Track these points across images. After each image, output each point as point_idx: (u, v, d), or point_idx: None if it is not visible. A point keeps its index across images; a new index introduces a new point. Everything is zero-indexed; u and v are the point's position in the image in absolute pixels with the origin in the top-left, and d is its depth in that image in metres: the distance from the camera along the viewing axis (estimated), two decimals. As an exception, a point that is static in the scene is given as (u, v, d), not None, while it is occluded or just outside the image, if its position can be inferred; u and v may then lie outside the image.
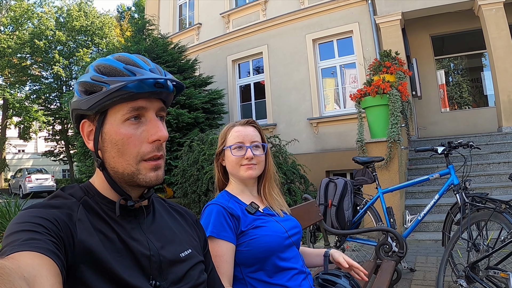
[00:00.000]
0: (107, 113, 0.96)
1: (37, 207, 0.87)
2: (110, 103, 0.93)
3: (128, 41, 11.21)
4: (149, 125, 0.98)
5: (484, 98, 11.22)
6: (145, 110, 0.97)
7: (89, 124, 0.99)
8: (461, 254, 3.67)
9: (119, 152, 0.96)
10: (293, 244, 1.69)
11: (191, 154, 7.42)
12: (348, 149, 9.00)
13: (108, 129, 0.96)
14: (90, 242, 0.86)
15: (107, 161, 0.98)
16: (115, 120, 0.95)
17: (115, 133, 0.95)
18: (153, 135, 0.97)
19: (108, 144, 0.96)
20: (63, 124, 26.53)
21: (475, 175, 6.56)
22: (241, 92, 12.30)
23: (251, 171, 1.69)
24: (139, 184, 0.98)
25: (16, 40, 24.72)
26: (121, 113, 0.95)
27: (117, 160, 0.96)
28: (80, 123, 1.00)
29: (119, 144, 0.95)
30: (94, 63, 0.99)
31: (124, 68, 0.95)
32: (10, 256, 0.69)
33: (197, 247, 1.15)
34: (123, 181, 0.98)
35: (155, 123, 0.98)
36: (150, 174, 0.98)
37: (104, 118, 0.96)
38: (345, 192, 4.20)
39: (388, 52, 7.92)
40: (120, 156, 0.96)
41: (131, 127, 0.96)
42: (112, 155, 0.96)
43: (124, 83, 0.91)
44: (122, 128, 0.95)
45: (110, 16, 29.43)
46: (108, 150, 0.97)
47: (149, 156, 0.97)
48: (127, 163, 0.96)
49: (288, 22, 10.92)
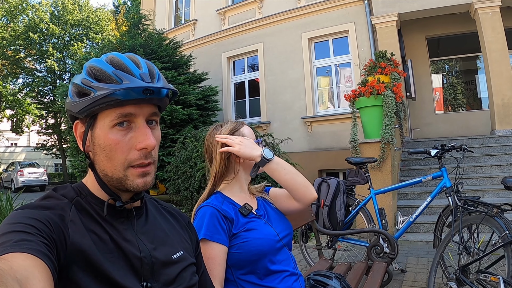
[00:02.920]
0: (97, 117, 0.94)
1: (29, 208, 0.86)
2: (97, 108, 0.91)
3: (123, 36, 11.14)
4: (137, 132, 0.95)
5: (478, 100, 11.27)
6: (134, 116, 0.95)
7: (81, 125, 0.98)
8: (452, 257, 3.68)
9: (107, 157, 0.94)
10: (284, 246, 1.68)
11: (184, 151, 7.40)
12: (341, 148, 9.00)
13: (98, 133, 0.94)
14: (82, 243, 0.85)
15: (97, 163, 0.97)
16: (103, 125, 0.94)
17: (103, 138, 0.94)
18: (140, 143, 0.94)
19: (97, 148, 0.95)
20: (56, 118, 26.33)
21: (468, 178, 6.58)
22: (236, 90, 12.29)
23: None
24: (127, 189, 0.97)
25: (11, 32, 24.50)
26: (109, 119, 0.93)
27: (106, 164, 0.95)
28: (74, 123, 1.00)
29: (107, 150, 0.94)
30: (88, 63, 0.97)
31: (113, 73, 0.93)
32: (2, 257, 0.68)
33: (189, 249, 1.15)
34: (112, 184, 0.97)
35: (143, 130, 0.96)
36: (138, 180, 0.96)
37: (94, 122, 0.95)
38: (337, 192, 4.19)
39: (384, 53, 7.93)
40: (108, 161, 0.95)
41: (119, 134, 0.94)
42: (101, 158, 0.95)
43: (110, 91, 0.89)
44: (110, 134, 0.93)
45: (106, 11, 29.27)
46: (98, 153, 0.96)
47: (137, 163, 0.95)
48: (115, 168, 0.95)
49: (284, 20, 10.90)
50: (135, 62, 0.98)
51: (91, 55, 11.42)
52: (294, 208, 1.80)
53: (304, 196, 1.73)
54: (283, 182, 1.71)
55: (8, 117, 29.69)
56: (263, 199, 1.81)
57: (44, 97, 27.11)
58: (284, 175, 1.70)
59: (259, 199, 1.80)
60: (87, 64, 0.97)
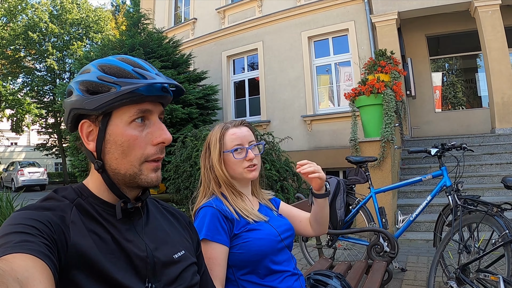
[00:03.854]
0: (112, 114, 0.95)
1: (30, 209, 0.86)
2: (118, 104, 0.93)
3: (122, 35, 11.13)
4: (153, 127, 0.99)
5: (478, 99, 11.27)
6: (150, 113, 0.98)
7: (89, 124, 0.97)
8: (452, 256, 3.68)
9: (123, 153, 0.95)
10: (286, 247, 1.68)
11: (184, 150, 7.39)
12: (341, 147, 9.01)
13: (113, 130, 0.95)
14: (83, 244, 0.85)
15: (107, 162, 0.97)
16: (121, 122, 0.95)
17: (120, 134, 0.95)
18: (158, 138, 0.98)
19: (112, 145, 0.95)
20: (56, 117, 26.32)
21: (468, 176, 6.59)
22: (235, 88, 12.29)
23: (255, 172, 1.69)
24: (139, 184, 0.98)
25: (10, 31, 24.47)
26: (127, 115, 0.95)
27: (120, 161, 0.96)
28: (80, 123, 0.98)
29: (124, 146, 0.95)
30: (96, 63, 0.98)
31: (133, 70, 0.95)
32: (3, 258, 0.68)
33: (190, 249, 1.15)
34: (123, 182, 0.98)
35: (160, 125, 1.00)
36: (152, 174, 0.99)
37: (109, 119, 0.95)
38: (337, 191, 4.19)
39: (383, 52, 7.93)
40: (123, 157, 0.96)
41: (136, 129, 0.96)
42: (115, 156, 0.96)
43: (136, 86, 0.92)
44: (128, 130, 0.95)
45: (105, 10, 29.23)
46: (111, 151, 0.96)
47: (153, 157, 0.98)
48: (130, 164, 0.96)
49: (284, 19, 10.90)
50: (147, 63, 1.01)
51: (91, 54, 11.40)
52: (305, 232, 1.90)
53: (323, 231, 1.88)
54: (323, 216, 1.81)
55: (8, 117, 29.66)
56: (266, 206, 1.80)
57: (44, 96, 27.06)
58: (327, 211, 1.82)
59: (261, 204, 1.79)
60: (96, 63, 0.98)
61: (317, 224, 1.81)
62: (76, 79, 0.98)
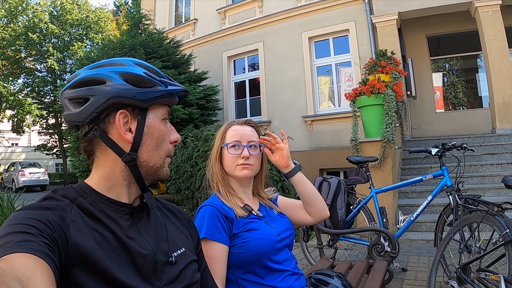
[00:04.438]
0: (148, 109, 1.02)
1: (30, 209, 0.86)
2: (161, 101, 1.04)
3: (123, 35, 11.13)
4: (169, 128, 1.10)
5: (478, 99, 11.27)
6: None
7: (126, 115, 0.99)
8: (453, 255, 3.69)
9: (157, 146, 1.04)
10: (286, 247, 1.68)
11: (185, 150, 7.40)
12: (342, 147, 9.00)
13: (152, 123, 1.03)
14: (84, 243, 0.85)
15: (140, 154, 1.01)
16: (156, 117, 1.04)
17: (158, 128, 1.04)
18: (173, 136, 1.10)
19: (148, 138, 1.02)
20: (56, 118, 26.31)
21: (468, 176, 6.59)
22: (236, 89, 12.29)
23: (247, 171, 1.68)
24: (159, 177, 1.07)
25: (11, 32, 24.49)
26: (161, 112, 1.06)
27: (152, 153, 1.03)
28: (116, 112, 0.97)
29: (159, 139, 1.04)
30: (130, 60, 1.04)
31: (166, 76, 1.08)
32: (4, 258, 0.68)
33: (190, 247, 1.15)
34: (146, 175, 1.04)
35: (172, 127, 1.12)
36: (167, 169, 1.09)
37: (147, 113, 1.02)
38: (338, 191, 4.19)
39: (384, 52, 7.93)
40: (155, 150, 1.04)
41: (165, 126, 1.07)
42: (149, 148, 1.02)
43: (177, 89, 1.07)
44: (162, 125, 1.05)
45: (106, 11, 29.25)
46: (146, 144, 1.01)
47: (171, 154, 1.10)
48: (159, 157, 1.05)
49: (285, 19, 10.90)
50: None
51: (92, 55, 11.40)
52: (305, 220, 1.87)
53: (320, 212, 1.83)
54: (307, 194, 1.79)
55: (8, 118, 29.68)
56: (267, 207, 1.80)
57: (44, 97, 27.05)
58: (310, 187, 1.80)
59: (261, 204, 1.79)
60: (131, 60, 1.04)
61: (309, 206, 1.81)
62: (111, 69, 0.99)
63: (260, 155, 1.74)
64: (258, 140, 1.74)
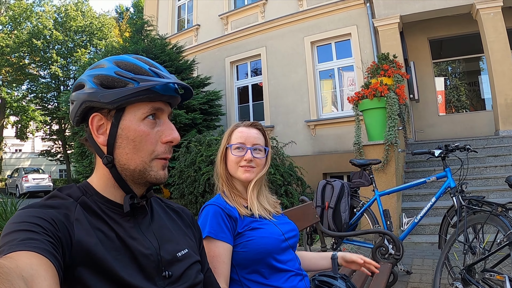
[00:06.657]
0: (125, 109, 0.97)
1: (34, 207, 0.86)
2: (134, 100, 0.96)
3: (126, 41, 11.17)
4: (163, 126, 1.02)
5: (481, 101, 11.25)
6: (161, 111, 1.02)
7: (100, 118, 0.98)
8: (457, 257, 3.68)
9: (134, 148, 0.97)
10: (290, 247, 1.68)
11: (188, 155, 7.41)
12: (345, 151, 8.99)
13: (126, 125, 0.97)
14: (88, 242, 0.86)
15: (117, 157, 0.98)
16: (133, 117, 0.97)
17: (133, 130, 0.97)
18: (167, 136, 1.01)
19: (124, 140, 0.97)
20: (60, 124, 26.44)
21: (472, 178, 6.58)
22: (239, 94, 12.31)
23: (248, 174, 1.68)
24: (148, 180, 1.01)
25: (15, 39, 24.64)
26: (141, 111, 0.98)
27: (131, 156, 0.98)
28: (90, 116, 0.98)
29: (136, 141, 0.97)
30: (111, 59, 1.01)
31: (150, 69, 0.99)
32: (8, 256, 0.69)
33: (193, 247, 1.15)
34: (131, 178, 1.00)
35: (170, 125, 1.03)
36: (160, 171, 1.02)
37: (122, 114, 0.97)
38: (342, 194, 4.20)
39: (386, 55, 7.95)
40: (134, 152, 0.98)
41: (148, 126, 0.99)
42: (126, 151, 0.97)
43: (154, 84, 0.96)
44: (141, 126, 0.98)
45: (109, 17, 29.40)
46: (122, 146, 0.97)
47: (162, 156, 1.01)
48: (141, 160, 0.98)
49: (287, 24, 10.93)
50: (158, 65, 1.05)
51: (95, 61, 11.43)
52: None
53: None
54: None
55: (12, 124, 29.83)
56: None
57: (48, 103, 27.20)
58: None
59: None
60: (112, 59, 1.00)
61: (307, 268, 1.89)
62: (89, 72, 0.99)
63: (264, 158, 1.73)
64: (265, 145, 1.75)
